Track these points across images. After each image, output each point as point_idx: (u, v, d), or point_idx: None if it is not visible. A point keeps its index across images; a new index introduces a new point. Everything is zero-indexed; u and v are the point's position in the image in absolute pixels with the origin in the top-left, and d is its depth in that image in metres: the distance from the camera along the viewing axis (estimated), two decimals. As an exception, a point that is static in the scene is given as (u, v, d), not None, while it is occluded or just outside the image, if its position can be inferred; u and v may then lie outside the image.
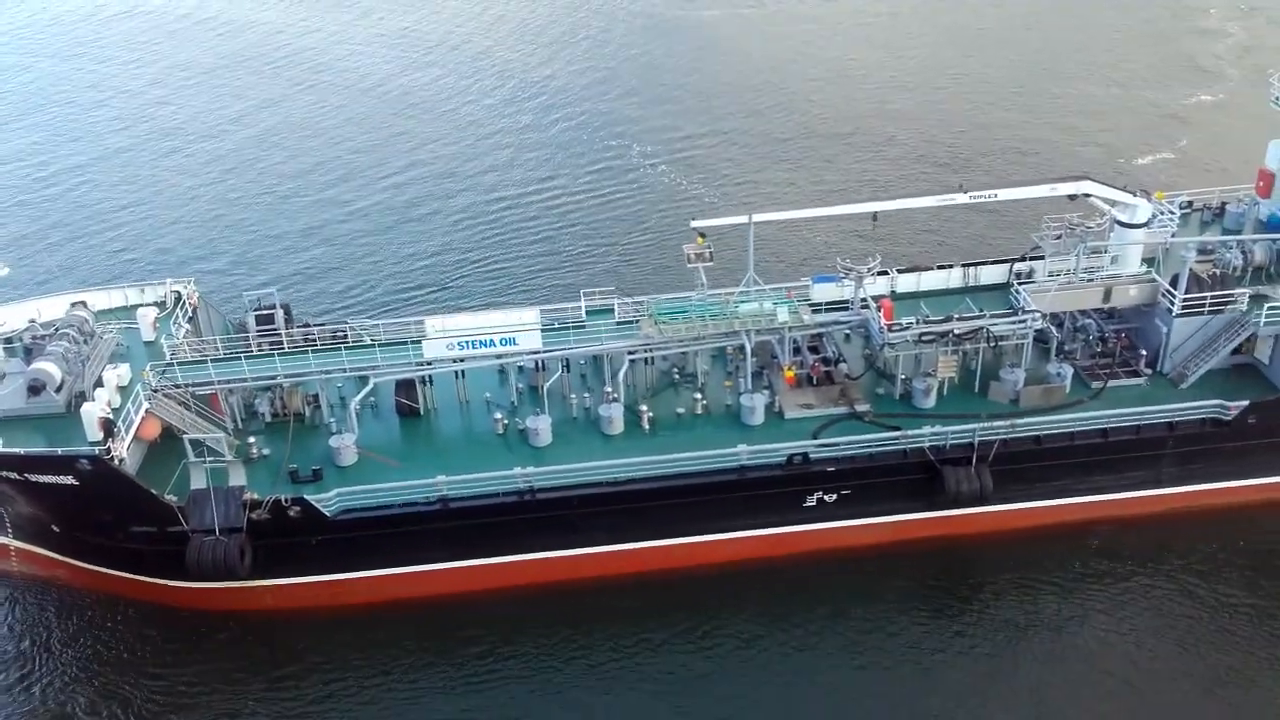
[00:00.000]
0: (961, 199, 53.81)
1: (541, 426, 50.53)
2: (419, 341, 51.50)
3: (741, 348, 52.44)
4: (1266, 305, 51.27)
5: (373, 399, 52.88)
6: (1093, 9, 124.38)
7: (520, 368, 54.45)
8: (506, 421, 51.80)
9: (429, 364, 51.71)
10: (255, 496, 46.81)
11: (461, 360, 51.72)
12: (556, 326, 53.75)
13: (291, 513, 46.67)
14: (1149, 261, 56.00)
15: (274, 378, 50.83)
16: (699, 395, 53.16)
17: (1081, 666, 46.07)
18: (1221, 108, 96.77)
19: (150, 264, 77.39)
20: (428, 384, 53.15)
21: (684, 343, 52.47)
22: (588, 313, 54.81)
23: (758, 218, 53.35)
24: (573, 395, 53.30)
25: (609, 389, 52.16)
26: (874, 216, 54.54)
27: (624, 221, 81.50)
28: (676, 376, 55.23)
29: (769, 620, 48.78)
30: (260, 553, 47.47)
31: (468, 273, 75.39)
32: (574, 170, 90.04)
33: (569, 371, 53.93)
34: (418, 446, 51.39)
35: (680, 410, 52.84)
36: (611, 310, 55.03)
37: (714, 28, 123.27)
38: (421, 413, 53.01)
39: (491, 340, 51.16)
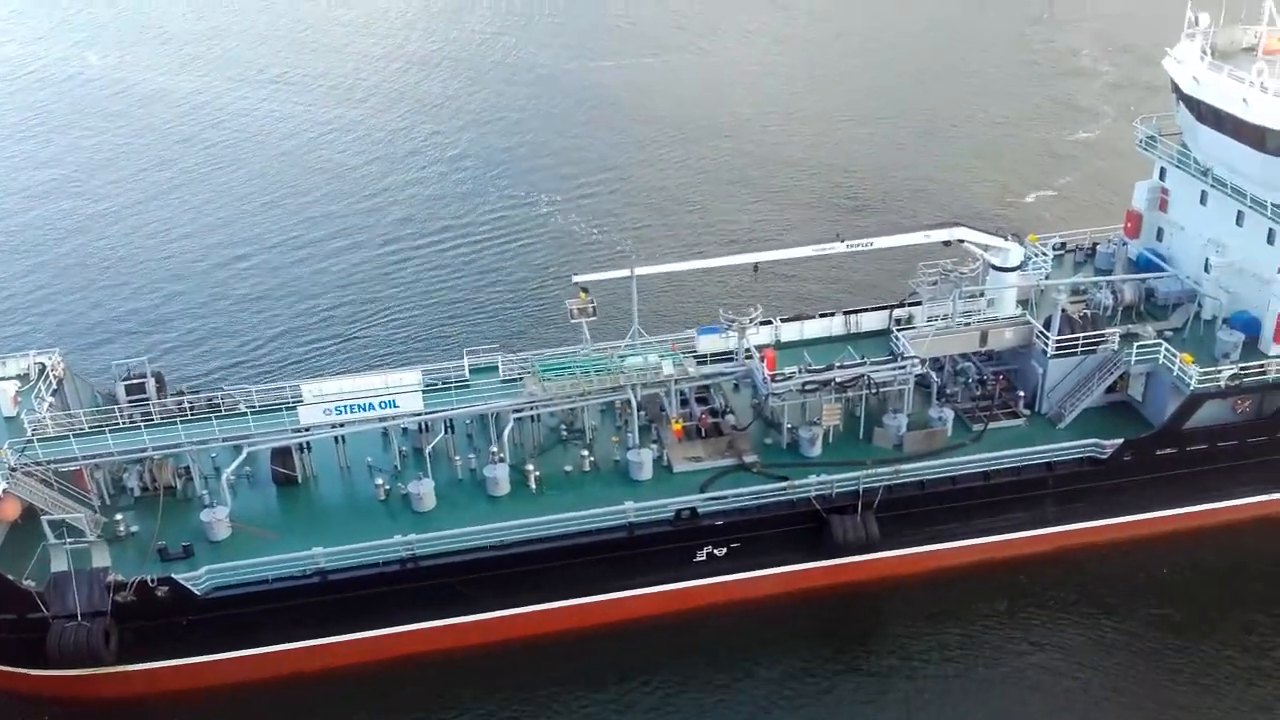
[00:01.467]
0: (839, 248, 54.44)
1: (424, 491, 49.41)
2: (295, 407, 50.13)
3: (628, 402, 52.12)
4: (1136, 344, 52.62)
5: (248, 469, 51.16)
6: (977, 52, 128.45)
7: (404, 429, 53.29)
8: (389, 487, 50.55)
9: (306, 430, 50.29)
10: (120, 578, 44.75)
11: (340, 425, 50.43)
12: (440, 387, 52.84)
13: (159, 593, 44.72)
14: (1025, 304, 57.33)
15: (142, 450, 48.93)
16: (587, 452, 52.60)
17: (976, 707, 46.26)
18: (1099, 145, 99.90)
19: (12, 335, 74.30)
20: (306, 451, 51.65)
21: (569, 399, 51.95)
22: (471, 371, 53.99)
23: (640, 271, 53.25)
24: (457, 457, 52.31)
25: (494, 449, 51.35)
26: (755, 267, 54.85)
27: (510, 277, 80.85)
28: (564, 433, 54.60)
29: (663, 680, 48.06)
30: (127, 636, 45.32)
31: (349, 334, 73.90)
32: (461, 226, 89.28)
33: (453, 432, 52.94)
34: (295, 517, 49.81)
35: (568, 468, 52.18)
36: (496, 368, 54.32)
37: (614, 79, 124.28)
38: (300, 481, 51.45)
39: (371, 404, 50.06)
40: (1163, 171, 59.94)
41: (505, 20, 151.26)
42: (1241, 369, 51.14)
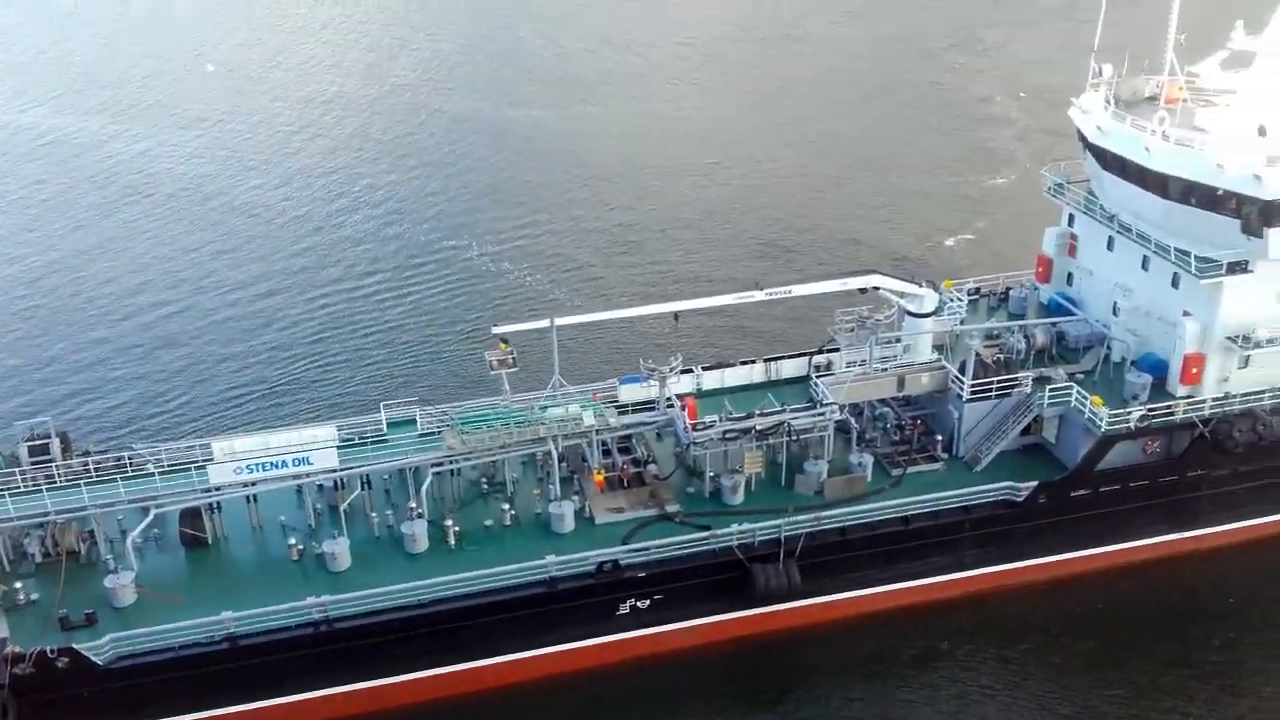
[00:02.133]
0: (759, 296, 54.80)
1: (339, 550, 48.28)
2: (205, 466, 48.81)
3: (549, 453, 51.62)
4: (1049, 387, 53.59)
5: (156, 531, 49.54)
6: (894, 101, 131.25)
7: (319, 487, 52.13)
8: (303, 546, 49.30)
9: (216, 490, 48.95)
10: (18, 649, 42.87)
11: (252, 484, 49.20)
12: (356, 442, 51.91)
13: (59, 664, 42.93)
14: (941, 349, 58.13)
15: (44, 514, 47.15)
16: (508, 505, 51.92)
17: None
18: (1013, 190, 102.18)
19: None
20: (216, 511, 50.25)
21: (490, 452, 51.35)
22: (389, 425, 53.16)
23: (561, 321, 53.03)
24: (374, 514, 51.26)
25: (413, 505, 50.44)
26: (676, 316, 54.97)
27: (430, 327, 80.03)
28: (485, 487, 53.87)
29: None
30: (26, 710, 43.33)
31: (262, 389, 72.35)
32: (383, 275, 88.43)
33: (370, 489, 51.93)
34: (205, 580, 48.28)
35: (489, 522, 51.44)
36: (414, 421, 53.54)
37: (543, 127, 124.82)
38: (209, 543, 49.96)
39: (284, 461, 48.93)
40: (1071, 218, 61.50)
41: (432, 67, 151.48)
42: (1150, 410, 52.32)
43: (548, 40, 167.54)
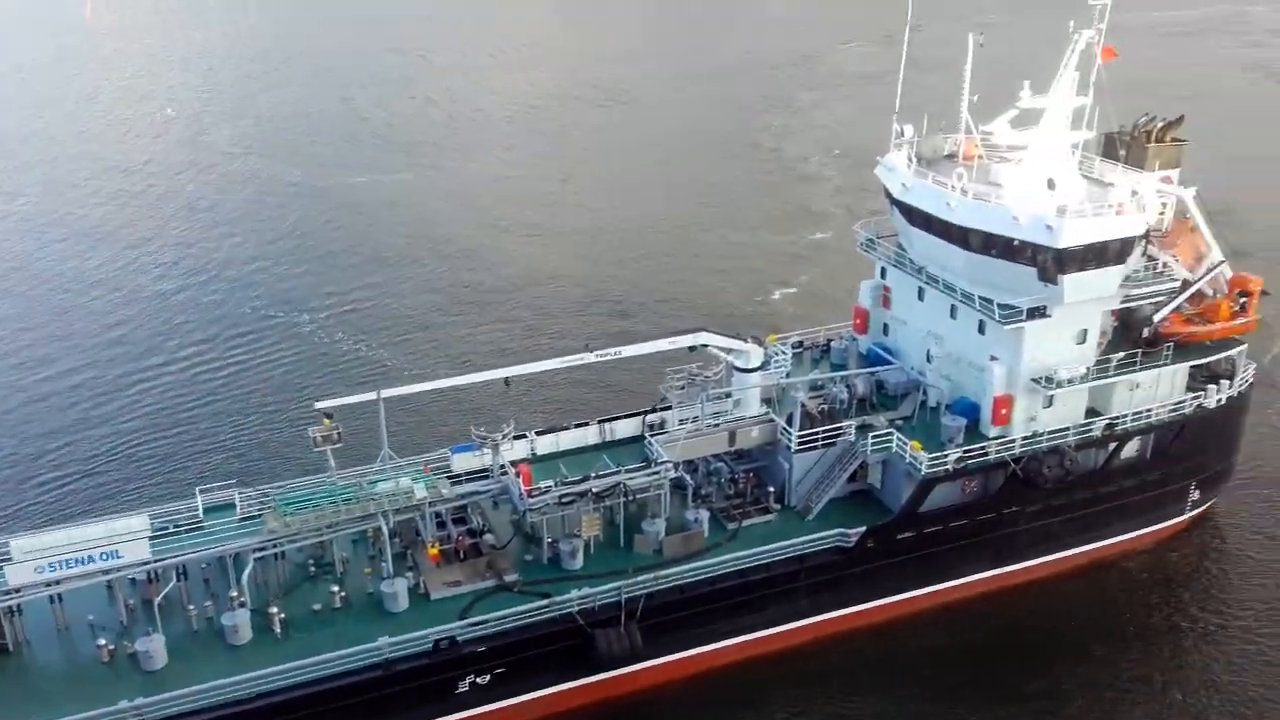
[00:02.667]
0: (589, 358, 54.85)
1: (153, 648, 45.28)
2: (2, 567, 45.23)
3: (380, 529, 49.99)
4: (871, 435, 55.32)
5: (-54, 640, 45.55)
6: (715, 163, 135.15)
7: (131, 581, 48.93)
8: (113, 646, 46.06)
9: (16, 592, 45.37)
10: None
11: (56, 583, 45.84)
12: (170, 531, 49.21)
13: None
14: (769, 402, 59.27)
15: None
16: (337, 587, 49.93)
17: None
18: (832, 245, 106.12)
19: None
20: (16, 615, 46.48)
21: (316, 532, 49.39)
22: (205, 511, 50.63)
23: (387, 393, 51.72)
24: (192, 606, 48.39)
25: (234, 593, 47.92)
26: (506, 382, 54.38)
27: (248, 404, 77.06)
28: (312, 569, 51.69)
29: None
30: None
31: (66, 478, 68.04)
32: (197, 350, 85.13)
33: (187, 579, 49.07)
34: (6, 691, 44.48)
35: (317, 606, 49.28)
36: (233, 505, 51.13)
37: (367, 194, 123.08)
38: (10, 649, 46.15)
39: (91, 556, 45.84)
40: (884, 270, 64.08)
41: (252, 134, 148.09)
42: (965, 452, 54.55)
43: (375, 105, 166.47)
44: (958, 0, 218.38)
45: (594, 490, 51.79)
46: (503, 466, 53.13)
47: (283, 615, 47.89)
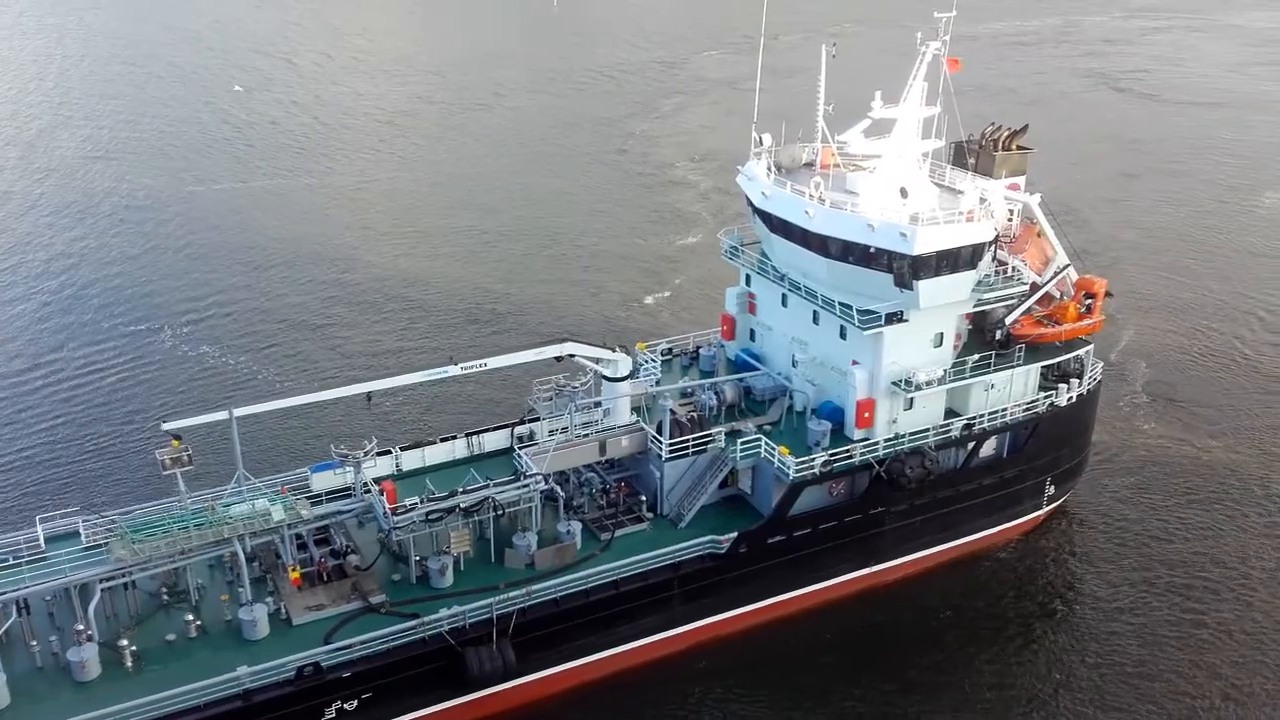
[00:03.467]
0: (454, 371, 53.70)
1: (-9, 690, 42.40)
2: None
3: (236, 554, 47.85)
4: (740, 440, 55.71)
5: None
6: (584, 169, 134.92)
7: (-35, 620, 45.68)
8: (-55, 692, 42.94)
9: None
10: None
11: (-125, 627, 42.45)
12: (10, 563, 46.12)
13: None
14: (639, 410, 59.16)
15: None
16: (192, 616, 47.60)
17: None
18: (703, 249, 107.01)
19: None
20: None
21: (168, 560, 46.98)
22: (47, 541, 47.64)
23: (240, 412, 49.55)
24: (35, 642, 45.44)
25: (80, 627, 45.15)
26: (368, 397, 52.88)
27: (92, 427, 73.11)
28: (165, 598, 49.21)
29: None
30: None
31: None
32: (34, 372, 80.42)
33: (29, 614, 46.06)
34: None
35: (171, 637, 46.93)
36: (77, 534, 48.24)
37: (229, 203, 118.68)
38: None
39: (-84, 596, 42.60)
40: (748, 277, 64.75)
41: (107, 140, 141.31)
42: (831, 455, 55.44)
43: (238, 108, 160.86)
44: (811, 11, 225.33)
45: (462, 506, 50.75)
46: (365, 484, 51.59)
47: (134, 648, 45.42)
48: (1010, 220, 60.45)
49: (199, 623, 47.43)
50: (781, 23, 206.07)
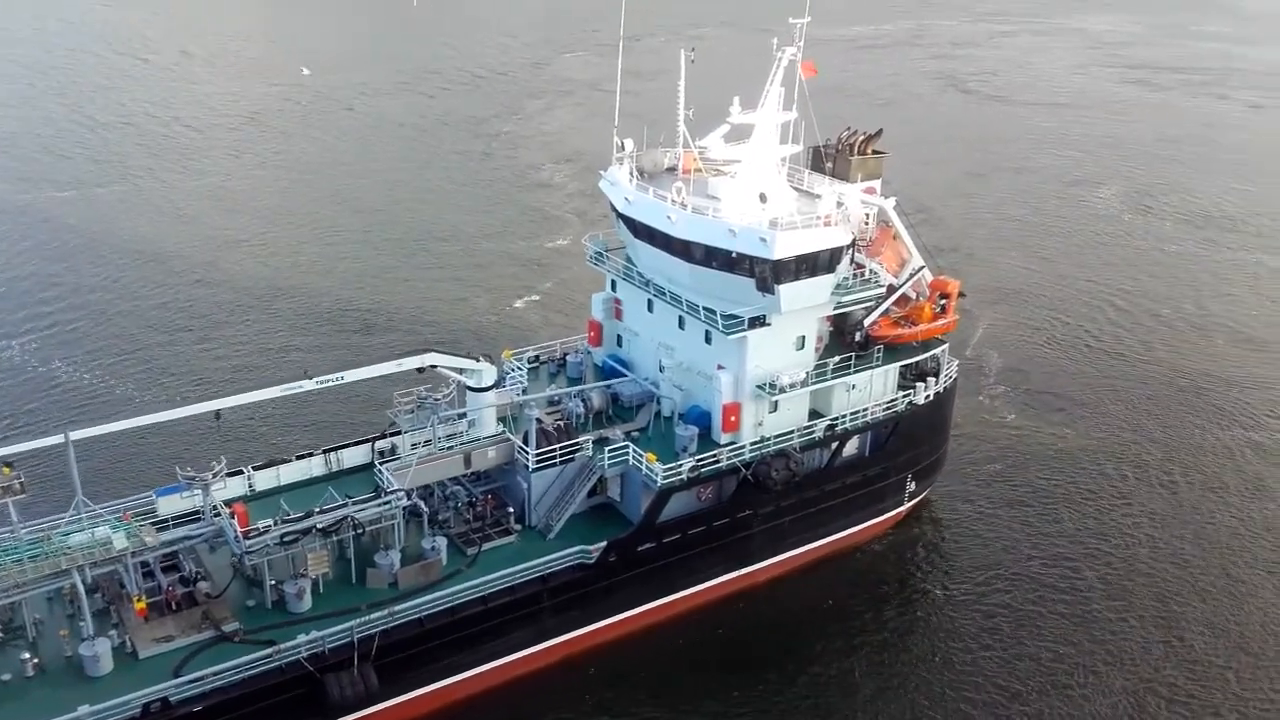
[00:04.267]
0: (309, 385, 51.63)
1: None
2: None
3: (76, 586, 44.99)
4: (608, 448, 55.18)
5: None
6: (449, 173, 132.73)
7: None
8: None
9: None
10: None
11: None
12: None
13: None
14: (506, 420, 58.03)
15: None
16: (28, 654, 44.59)
17: None
18: (571, 252, 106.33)
19: None
20: None
21: (2, 594, 43.91)
22: None
23: (77, 435, 46.53)
24: None
25: (-102, 673, 41.85)
26: (217, 415, 50.32)
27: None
28: (0, 635, 45.99)
29: None
30: None
31: None
32: None
33: None
34: None
35: (6, 676, 43.94)
36: (-105, 573, 44.59)
37: (74, 210, 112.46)
38: None
39: None
40: (614, 283, 64.34)
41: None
42: (699, 460, 55.39)
43: (81, 112, 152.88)
44: (671, 14, 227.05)
45: (320, 526, 48.88)
46: (215, 507, 49.21)
47: (-39, 694, 42.29)
48: (867, 223, 61.55)
49: (37, 661, 44.55)
50: (642, 26, 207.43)
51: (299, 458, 55.66)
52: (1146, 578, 61.18)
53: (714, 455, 55.94)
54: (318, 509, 49.68)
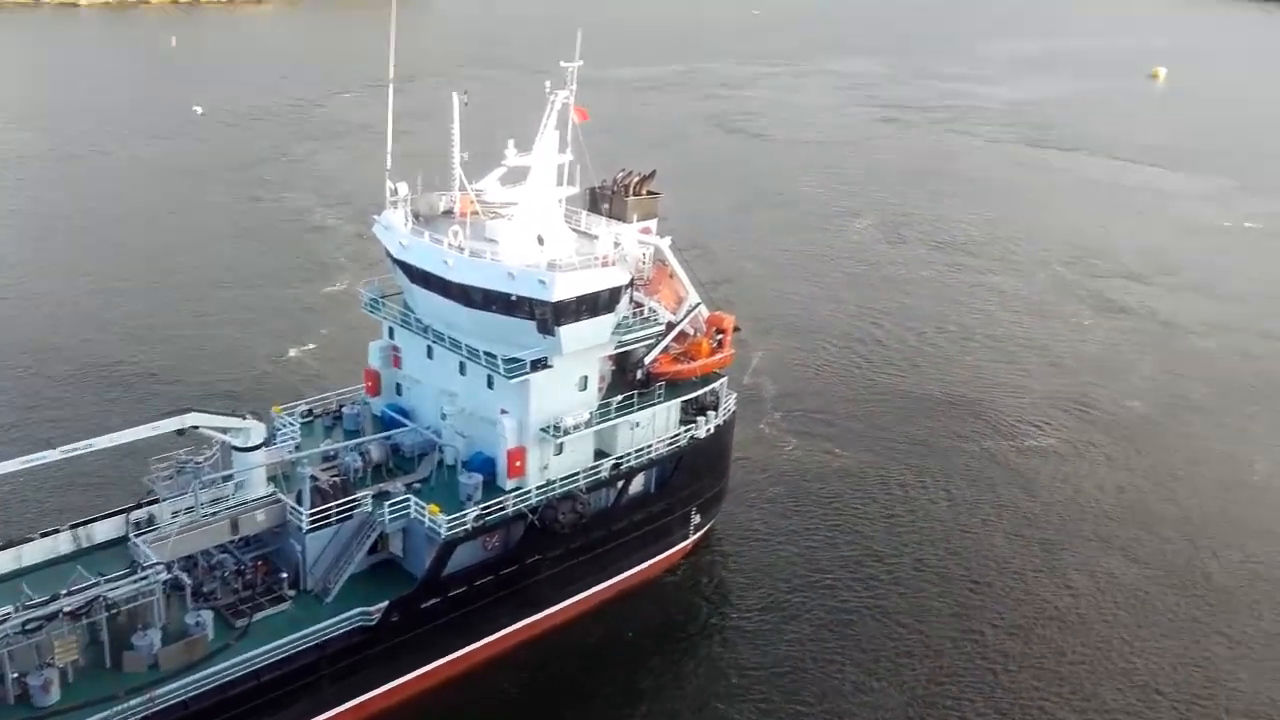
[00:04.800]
0: (53, 456, 47.13)
1: None
2: None
3: None
4: (387, 502, 53.03)
5: None
6: (216, 220, 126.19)
7: None
8: None
9: None
10: None
11: None
12: None
13: None
14: (278, 479, 54.84)
15: None
16: None
17: None
18: (347, 299, 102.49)
19: None
20: None
21: None
22: None
23: None
24: None
25: None
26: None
27: None
28: None
29: None
30: None
31: None
32: None
33: None
34: None
35: None
36: None
37: None
38: None
39: None
40: (392, 330, 62.29)
41: None
42: (484, 509, 53.99)
43: None
44: (443, 54, 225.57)
45: (67, 609, 44.54)
46: (-59, 599, 44.11)
47: None
48: (644, 263, 62.16)
49: None
50: (414, 67, 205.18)
51: (43, 535, 50.72)
52: (923, 586, 63.95)
53: (499, 502, 54.76)
54: (65, 591, 45.28)
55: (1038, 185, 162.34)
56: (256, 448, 53.19)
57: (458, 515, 52.83)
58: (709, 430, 64.07)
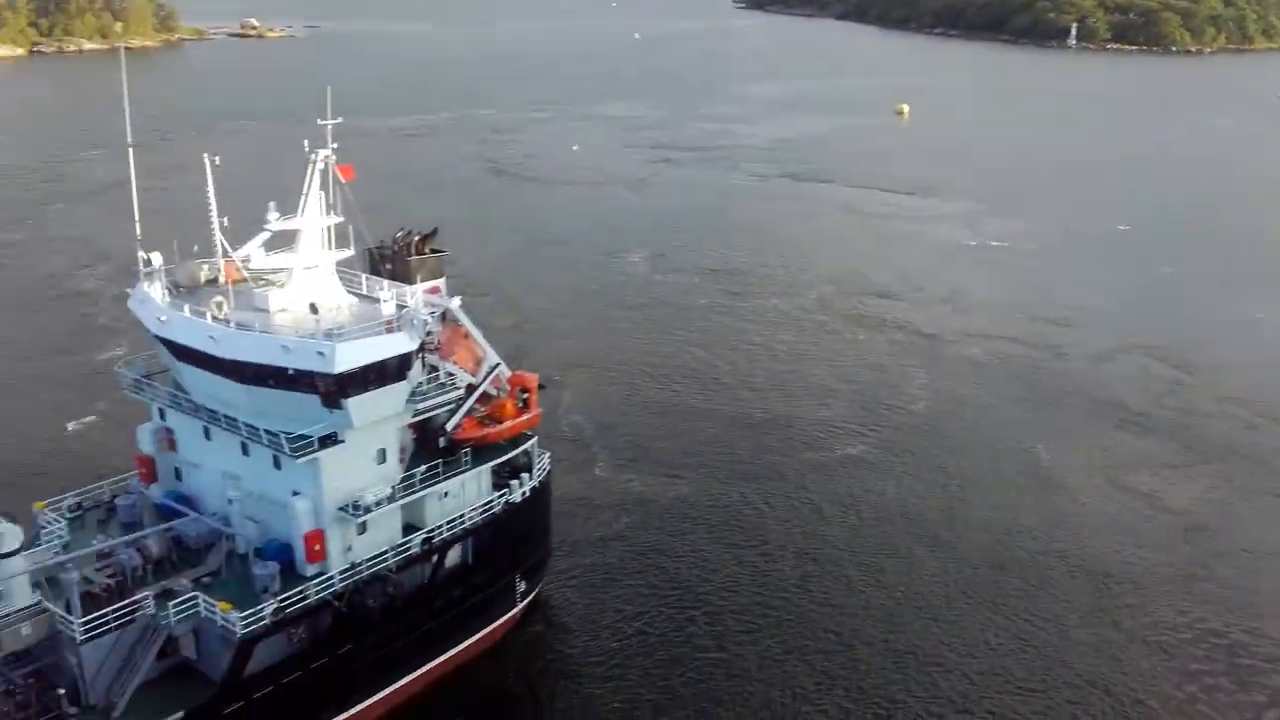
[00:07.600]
0: None
1: None
2: None
3: None
4: (172, 602, 48.54)
5: None
6: None
7: None
8: None
9: None
10: None
11: None
12: None
13: None
14: (44, 585, 49.16)
15: None
16: None
17: None
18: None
19: None
20: None
21: None
22: None
23: None
24: None
25: None
26: None
27: None
28: None
29: None
30: None
31: None
32: None
33: None
34: None
35: None
36: None
37: None
38: None
39: None
40: (163, 411, 57.75)
41: None
42: (283, 600, 50.18)
43: None
44: (179, 119, 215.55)
45: None
46: None
47: None
48: (432, 326, 59.87)
49: None
50: (163, 124, 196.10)
51: None
52: (764, 614, 64.56)
53: (300, 591, 50.84)
54: None
55: (800, 215, 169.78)
56: (15, 553, 47.62)
57: (254, 610, 48.67)
58: (524, 493, 61.63)
